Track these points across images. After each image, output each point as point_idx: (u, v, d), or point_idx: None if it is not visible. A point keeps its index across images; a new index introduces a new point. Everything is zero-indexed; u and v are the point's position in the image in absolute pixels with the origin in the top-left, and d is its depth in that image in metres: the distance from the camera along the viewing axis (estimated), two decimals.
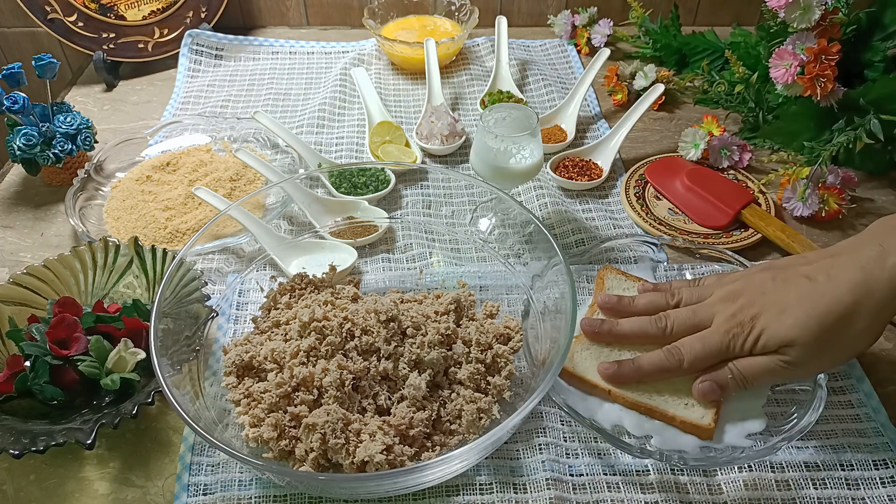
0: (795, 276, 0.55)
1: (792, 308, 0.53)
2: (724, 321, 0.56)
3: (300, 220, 0.79)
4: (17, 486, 0.57)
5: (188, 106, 1.04)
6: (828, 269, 0.54)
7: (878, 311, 0.52)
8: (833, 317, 0.52)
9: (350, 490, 0.55)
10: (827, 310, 0.52)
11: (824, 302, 0.52)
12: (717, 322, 0.57)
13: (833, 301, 0.52)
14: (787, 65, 0.83)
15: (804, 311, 0.53)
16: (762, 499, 0.55)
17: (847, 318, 0.52)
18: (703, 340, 0.56)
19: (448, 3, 1.16)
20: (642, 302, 0.62)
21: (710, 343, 0.56)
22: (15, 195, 0.88)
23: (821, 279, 0.54)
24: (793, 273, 0.56)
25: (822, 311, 0.52)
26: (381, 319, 0.59)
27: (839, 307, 0.52)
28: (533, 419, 0.60)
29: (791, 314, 0.53)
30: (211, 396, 0.59)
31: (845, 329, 0.52)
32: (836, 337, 0.53)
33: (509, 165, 0.71)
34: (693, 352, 0.56)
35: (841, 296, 0.52)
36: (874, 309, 0.52)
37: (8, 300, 0.64)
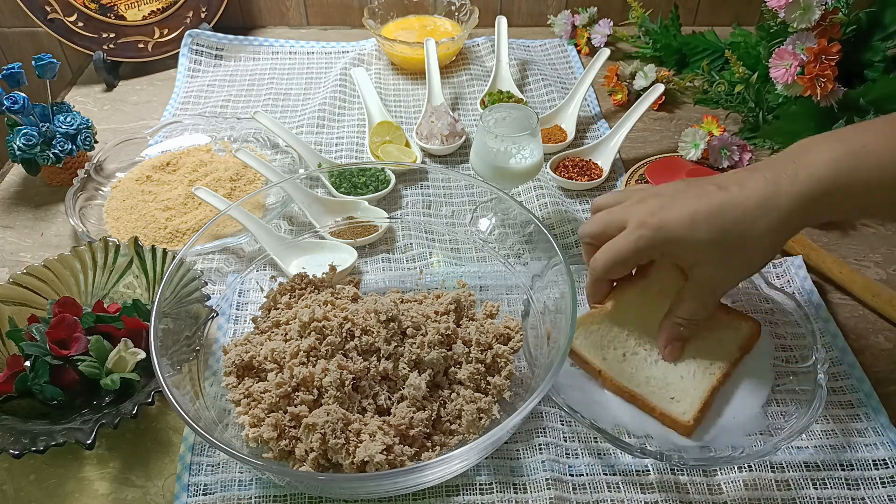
0: (706, 184, 0.55)
1: (703, 219, 0.53)
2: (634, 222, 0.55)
3: (300, 220, 0.79)
4: (17, 486, 0.57)
5: (188, 106, 1.04)
6: (740, 179, 0.54)
7: (779, 226, 0.52)
8: (732, 218, 0.52)
9: (350, 490, 0.55)
10: (735, 221, 0.52)
11: (729, 205, 0.52)
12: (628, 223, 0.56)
13: (737, 205, 0.52)
14: (787, 65, 0.83)
15: (716, 224, 0.52)
16: (762, 499, 0.55)
17: (747, 224, 0.52)
18: (612, 245, 0.57)
19: (448, 3, 1.16)
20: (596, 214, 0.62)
21: (618, 245, 0.56)
22: (15, 195, 0.88)
23: (732, 188, 0.53)
24: (705, 181, 0.56)
25: (730, 222, 0.52)
26: (381, 319, 0.59)
27: (740, 211, 0.52)
28: (533, 419, 0.60)
29: (702, 226, 0.53)
30: (211, 396, 0.59)
31: (743, 235, 0.52)
32: (741, 250, 0.53)
33: (509, 165, 0.71)
34: (602, 257, 0.57)
35: (746, 201, 0.52)
36: (776, 222, 0.51)
37: (8, 300, 0.64)
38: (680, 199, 0.54)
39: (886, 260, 0.76)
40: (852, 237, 0.79)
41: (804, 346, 0.62)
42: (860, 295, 0.71)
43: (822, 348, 0.60)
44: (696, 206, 0.53)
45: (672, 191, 0.56)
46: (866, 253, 0.77)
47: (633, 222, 0.55)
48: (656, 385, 0.59)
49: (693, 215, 0.53)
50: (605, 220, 0.58)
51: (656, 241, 0.54)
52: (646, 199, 0.56)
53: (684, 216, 0.53)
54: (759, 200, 0.52)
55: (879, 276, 0.75)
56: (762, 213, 0.52)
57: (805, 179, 0.51)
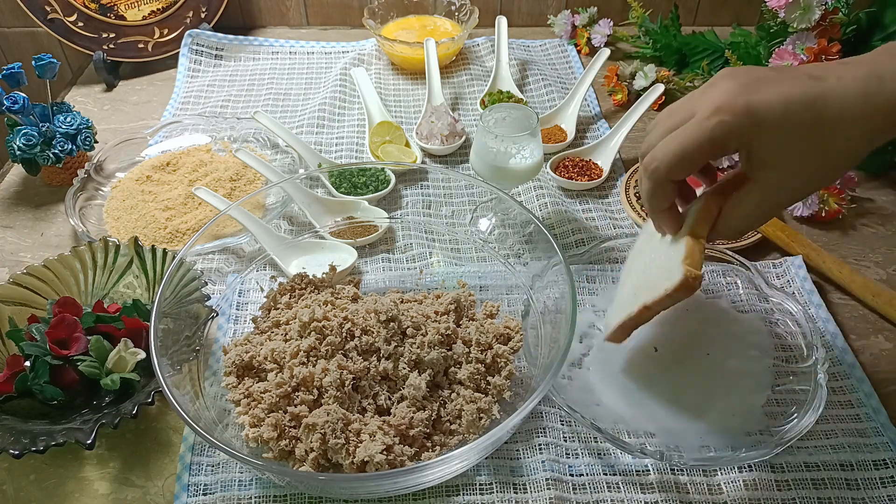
0: (796, 71, 0.47)
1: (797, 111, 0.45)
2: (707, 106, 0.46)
3: (300, 220, 0.79)
4: (17, 486, 0.57)
5: (188, 106, 1.04)
6: (837, 71, 0.46)
7: (878, 125, 0.45)
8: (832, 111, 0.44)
9: (350, 490, 0.55)
10: (830, 103, 0.44)
11: (830, 95, 0.45)
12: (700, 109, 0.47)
13: (838, 97, 0.45)
14: (787, 65, 0.83)
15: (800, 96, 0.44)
16: (762, 499, 0.55)
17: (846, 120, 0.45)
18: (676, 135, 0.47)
19: (448, 3, 1.16)
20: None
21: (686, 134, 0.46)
22: (15, 195, 0.88)
23: (830, 78, 0.45)
24: (795, 69, 0.47)
25: (823, 102, 0.44)
26: (381, 319, 0.59)
27: (840, 104, 0.44)
28: (533, 419, 0.60)
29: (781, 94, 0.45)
30: (211, 396, 0.59)
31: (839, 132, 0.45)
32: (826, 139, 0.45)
33: (509, 165, 0.71)
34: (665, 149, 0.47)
35: (846, 93, 0.45)
36: (873, 126, 0.45)
37: (8, 300, 0.64)
38: (767, 84, 0.45)
39: (886, 260, 0.76)
40: (852, 237, 0.80)
41: (804, 346, 0.62)
42: (860, 295, 0.71)
43: (822, 348, 0.60)
44: (789, 91, 0.45)
45: (751, 74, 0.46)
46: (866, 253, 0.77)
47: (708, 107, 0.45)
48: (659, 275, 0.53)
49: (787, 102, 0.44)
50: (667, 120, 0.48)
51: (742, 127, 0.45)
52: (717, 83, 0.47)
53: (776, 101, 0.44)
54: (861, 95, 0.44)
55: (879, 276, 0.75)
56: (862, 110, 0.44)
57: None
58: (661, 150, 0.48)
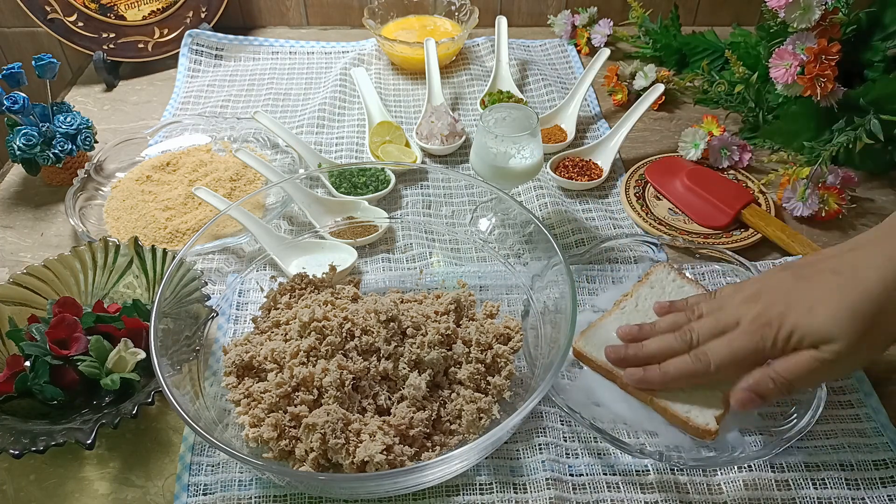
0: (818, 273, 0.53)
1: (822, 303, 0.51)
2: (749, 322, 0.54)
3: (300, 220, 0.79)
4: (17, 486, 0.57)
5: (188, 106, 1.04)
6: (853, 262, 0.52)
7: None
8: (865, 308, 0.50)
9: (350, 490, 0.55)
10: (859, 302, 0.50)
11: (855, 295, 0.50)
12: (742, 324, 0.54)
13: (864, 293, 0.50)
14: (787, 65, 0.83)
15: (836, 305, 0.50)
16: (762, 499, 0.55)
17: (879, 309, 0.50)
18: (731, 342, 0.54)
19: (448, 3, 1.16)
20: (664, 324, 0.60)
21: (738, 344, 0.54)
22: (15, 195, 0.88)
23: (846, 272, 0.51)
24: (815, 270, 0.54)
25: (855, 303, 0.50)
26: (381, 319, 0.59)
27: (870, 299, 0.50)
28: (533, 419, 0.60)
29: (823, 309, 0.51)
30: (211, 396, 0.59)
31: (879, 320, 0.50)
32: (871, 329, 0.50)
33: (509, 165, 0.71)
34: (720, 354, 0.54)
35: (871, 287, 0.50)
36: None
37: (8, 300, 0.64)
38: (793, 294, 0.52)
39: None
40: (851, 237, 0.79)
41: None
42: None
43: None
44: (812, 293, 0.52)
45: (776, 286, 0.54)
46: None
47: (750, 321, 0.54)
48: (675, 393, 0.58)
49: (811, 304, 0.51)
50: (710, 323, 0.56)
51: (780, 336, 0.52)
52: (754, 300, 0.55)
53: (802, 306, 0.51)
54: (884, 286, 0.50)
55: None
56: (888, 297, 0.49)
57: None
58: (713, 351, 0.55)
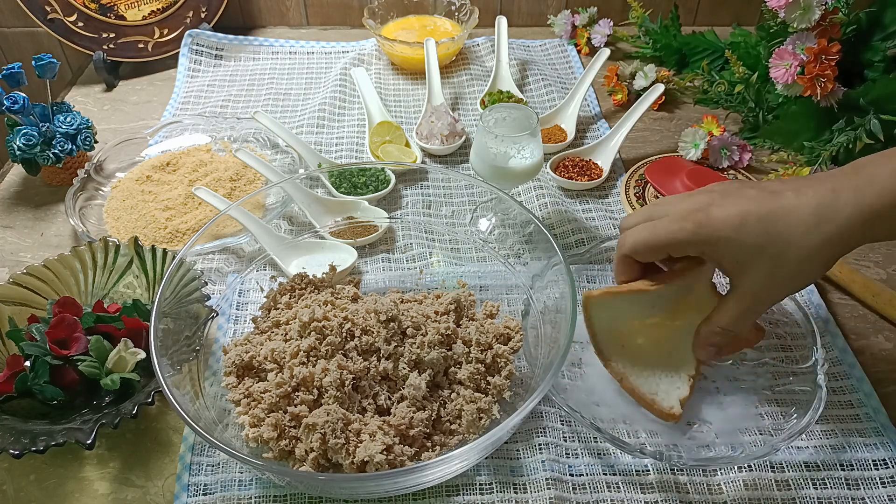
0: (760, 187, 0.52)
1: (753, 223, 0.49)
2: (676, 211, 0.53)
3: (300, 220, 0.80)
4: (17, 486, 0.57)
5: (188, 106, 1.04)
6: (797, 186, 0.50)
7: (834, 238, 0.48)
8: (784, 225, 0.49)
9: (350, 490, 0.55)
10: (787, 228, 0.49)
11: (782, 210, 0.49)
12: (670, 213, 0.53)
13: (791, 211, 0.49)
14: (787, 65, 0.83)
15: (764, 229, 0.49)
16: (762, 499, 0.55)
17: (799, 233, 0.48)
18: (652, 227, 0.53)
19: (448, 3, 1.16)
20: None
21: (657, 231, 0.53)
22: (15, 195, 0.88)
23: (787, 193, 0.50)
24: (760, 184, 0.53)
25: (782, 229, 0.49)
26: (381, 319, 0.59)
27: (793, 218, 0.48)
28: (533, 419, 0.60)
29: (751, 229, 0.49)
30: (211, 396, 0.59)
31: (793, 245, 0.49)
32: (790, 259, 0.49)
33: (509, 165, 0.71)
34: (635, 236, 0.54)
35: (800, 208, 0.48)
36: (832, 234, 0.48)
37: (8, 300, 0.64)
38: (729, 199, 0.51)
39: (886, 260, 0.76)
40: None
41: (804, 346, 0.62)
42: (860, 295, 0.71)
43: (822, 348, 0.60)
44: (746, 207, 0.50)
45: (721, 189, 0.53)
46: (866, 253, 0.77)
47: (677, 213, 0.52)
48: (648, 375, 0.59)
49: (743, 216, 0.49)
50: (649, 212, 0.55)
51: (698, 236, 0.51)
52: (692, 195, 0.54)
53: (732, 216, 0.50)
54: (816, 209, 0.48)
55: (879, 276, 0.75)
56: (817, 222, 0.48)
57: (868, 191, 0.47)
58: (632, 234, 0.55)
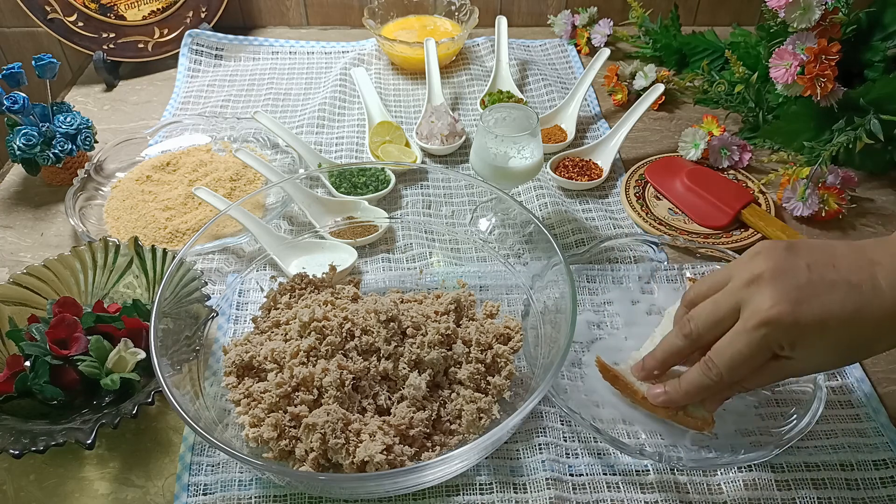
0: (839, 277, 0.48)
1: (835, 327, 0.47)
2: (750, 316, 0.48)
3: (300, 220, 0.79)
4: (17, 486, 0.57)
5: (188, 106, 1.04)
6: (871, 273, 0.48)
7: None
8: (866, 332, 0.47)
9: (350, 490, 0.55)
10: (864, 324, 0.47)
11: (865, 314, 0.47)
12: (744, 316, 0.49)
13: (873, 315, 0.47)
14: (787, 65, 0.83)
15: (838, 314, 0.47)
16: (762, 499, 0.55)
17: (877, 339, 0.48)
18: (732, 343, 0.49)
19: (448, 3, 1.16)
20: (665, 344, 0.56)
21: (740, 346, 0.49)
22: (15, 195, 0.88)
23: (867, 288, 0.47)
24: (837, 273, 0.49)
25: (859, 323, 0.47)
26: (381, 319, 0.59)
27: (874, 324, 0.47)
28: (533, 419, 0.60)
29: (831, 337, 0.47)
30: (211, 396, 0.59)
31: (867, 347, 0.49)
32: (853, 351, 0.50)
33: (509, 165, 0.71)
34: (725, 355, 0.50)
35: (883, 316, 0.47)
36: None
37: (8, 300, 0.64)
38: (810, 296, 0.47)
39: None
40: (852, 237, 0.80)
41: None
42: None
43: None
44: (829, 307, 0.47)
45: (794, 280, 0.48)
46: None
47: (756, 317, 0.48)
48: None
49: (825, 320, 0.47)
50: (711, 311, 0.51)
51: (785, 338, 0.48)
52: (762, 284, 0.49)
53: (817, 319, 0.47)
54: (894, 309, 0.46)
55: None
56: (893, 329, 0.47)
57: None
58: (718, 357, 0.50)
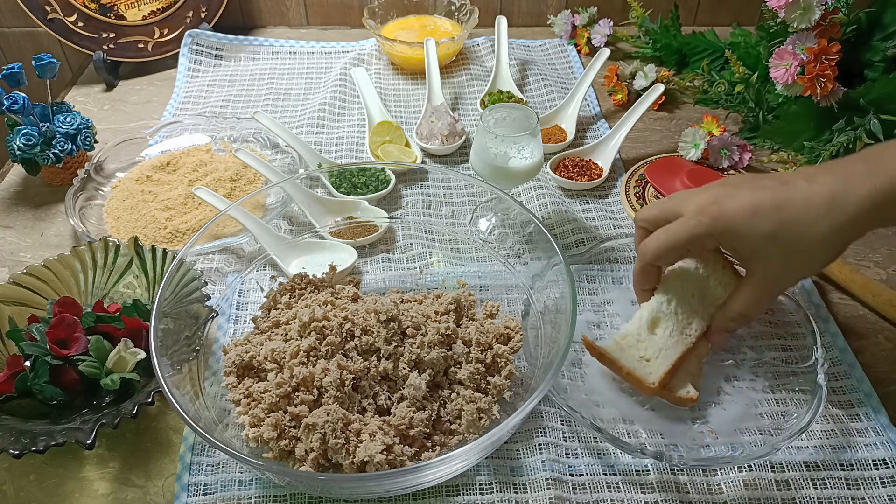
0: (773, 178, 0.54)
1: (766, 212, 0.51)
2: (691, 208, 0.54)
3: (300, 220, 0.79)
4: (17, 486, 0.57)
5: (188, 106, 1.04)
6: (809, 174, 0.52)
7: (845, 225, 0.50)
8: (796, 213, 0.50)
9: (350, 490, 0.55)
10: (798, 215, 0.50)
11: (794, 199, 0.51)
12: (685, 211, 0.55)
13: (803, 199, 0.50)
14: (787, 65, 0.83)
15: (778, 218, 0.51)
16: (762, 499, 0.55)
17: (811, 220, 0.50)
18: (667, 230, 0.56)
19: (448, 3, 1.16)
20: None
21: (673, 232, 0.55)
22: (15, 195, 0.88)
23: (800, 182, 0.52)
24: (773, 176, 0.55)
25: (794, 216, 0.50)
26: (381, 319, 0.59)
27: (805, 206, 0.50)
28: (533, 419, 0.60)
29: (764, 219, 0.51)
30: (211, 396, 0.59)
31: (806, 232, 0.50)
32: (801, 247, 0.51)
33: (509, 165, 0.71)
34: (654, 244, 0.56)
35: (812, 197, 0.50)
36: (843, 221, 0.50)
37: (8, 300, 0.64)
38: (742, 190, 0.53)
39: (886, 260, 0.76)
40: None
41: (804, 346, 0.62)
42: (860, 295, 0.71)
43: (822, 348, 0.60)
44: (759, 196, 0.52)
45: (734, 182, 0.55)
46: (866, 253, 0.77)
47: (692, 209, 0.54)
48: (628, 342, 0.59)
49: (755, 206, 0.51)
50: (664, 206, 0.57)
51: (714, 228, 0.53)
52: (706, 189, 0.55)
53: (746, 206, 0.52)
54: (827, 197, 0.50)
55: (879, 276, 0.75)
56: (828, 209, 0.50)
57: (879, 177, 0.49)
58: (651, 242, 0.57)
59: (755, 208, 0.51)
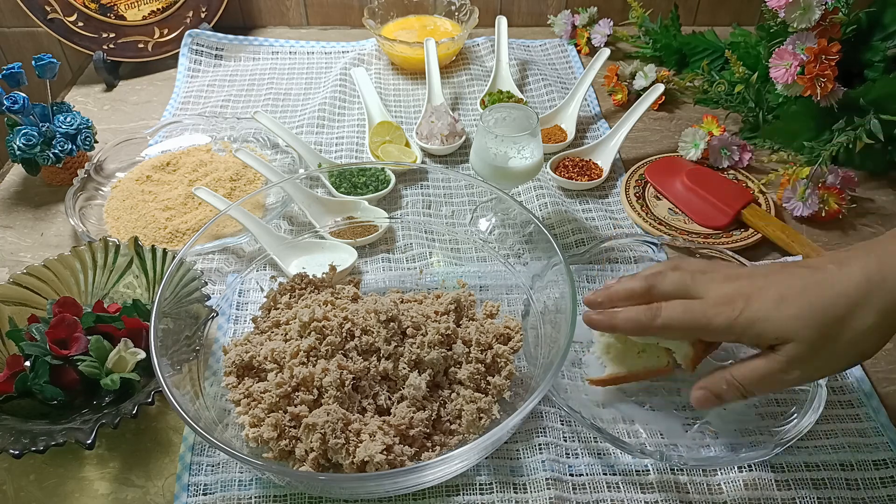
0: (801, 266, 0.51)
1: (793, 297, 0.48)
2: (715, 297, 0.50)
3: (300, 220, 0.80)
4: (17, 486, 0.57)
5: (188, 106, 1.04)
6: (840, 259, 0.49)
7: (890, 309, 0.46)
8: (838, 309, 0.46)
9: (350, 490, 0.55)
10: (832, 301, 0.47)
11: (831, 292, 0.47)
12: (708, 298, 0.51)
13: (840, 291, 0.47)
14: (787, 65, 0.83)
15: (807, 301, 0.47)
16: (762, 499, 0.55)
17: (854, 312, 0.46)
18: (688, 309, 0.51)
19: (448, 3, 1.16)
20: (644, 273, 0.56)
21: (694, 314, 0.50)
22: (15, 195, 0.88)
23: (830, 268, 0.48)
24: (798, 264, 0.51)
25: (827, 301, 0.47)
26: (381, 319, 0.59)
27: (846, 298, 0.46)
28: (533, 419, 0.60)
29: (791, 304, 0.47)
30: (211, 396, 0.59)
31: (851, 325, 0.46)
32: (841, 334, 0.47)
33: (509, 165, 0.71)
34: (671, 315, 0.51)
35: (850, 286, 0.46)
36: (887, 305, 0.46)
37: (8, 300, 0.64)
38: (771, 279, 0.50)
39: None
40: (852, 237, 0.80)
41: None
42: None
43: None
44: (787, 283, 0.48)
45: (761, 273, 0.51)
46: None
47: (714, 297, 0.50)
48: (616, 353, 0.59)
49: (782, 295, 0.48)
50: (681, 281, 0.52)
51: (737, 324, 0.49)
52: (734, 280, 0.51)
53: (773, 296, 0.48)
54: (862, 281, 0.46)
55: None
56: (866, 295, 0.46)
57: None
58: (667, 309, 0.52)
59: (782, 296, 0.48)
